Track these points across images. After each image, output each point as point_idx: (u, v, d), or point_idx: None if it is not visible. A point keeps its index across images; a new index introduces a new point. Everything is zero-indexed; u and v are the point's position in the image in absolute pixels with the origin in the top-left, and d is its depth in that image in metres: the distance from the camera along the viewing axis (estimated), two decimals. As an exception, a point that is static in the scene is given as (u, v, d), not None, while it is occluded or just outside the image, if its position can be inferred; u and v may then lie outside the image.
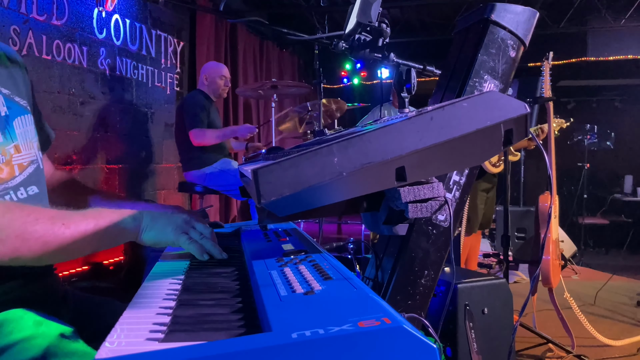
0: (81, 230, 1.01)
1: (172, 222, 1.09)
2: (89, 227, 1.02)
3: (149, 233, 1.07)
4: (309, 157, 0.68)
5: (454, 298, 2.26)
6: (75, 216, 1.04)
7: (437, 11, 7.42)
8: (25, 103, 1.25)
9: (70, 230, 1.00)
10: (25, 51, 3.48)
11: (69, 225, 1.01)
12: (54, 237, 0.99)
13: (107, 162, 4.39)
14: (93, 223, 1.03)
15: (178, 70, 5.40)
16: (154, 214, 1.09)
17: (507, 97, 0.75)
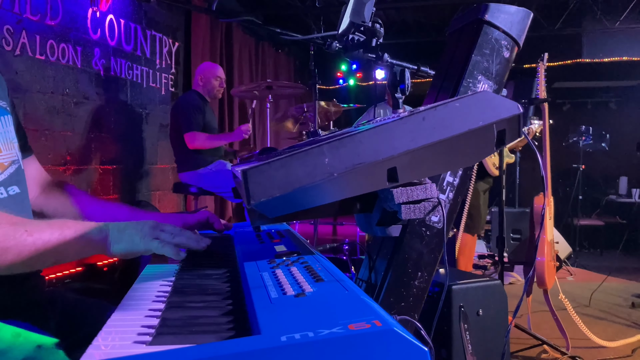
0: (44, 239, 0.97)
1: (139, 230, 1.02)
2: (53, 236, 0.98)
3: (118, 245, 1.00)
4: (299, 157, 0.67)
5: (448, 299, 2.25)
6: (40, 224, 1.00)
7: (433, 12, 7.43)
8: (5, 104, 1.25)
9: (33, 238, 0.97)
10: (19, 51, 3.46)
11: (32, 232, 0.97)
12: (14, 243, 0.95)
13: (102, 163, 4.37)
14: (58, 232, 0.99)
15: (173, 71, 5.38)
16: (120, 225, 1.03)
17: (500, 98, 0.74)
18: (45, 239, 0.97)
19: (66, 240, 0.98)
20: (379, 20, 1.26)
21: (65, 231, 0.99)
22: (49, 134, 3.76)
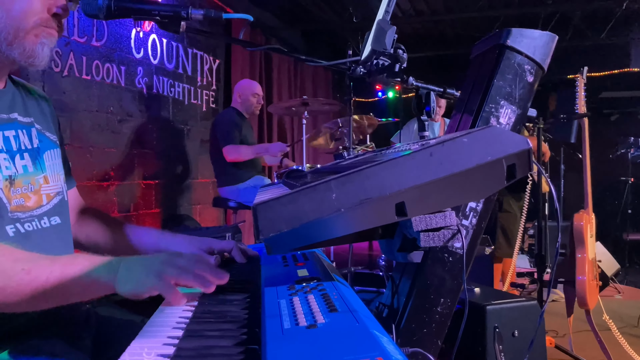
0: (42, 278, 0.93)
1: (147, 266, 0.95)
2: (52, 275, 0.93)
3: (125, 285, 0.93)
4: (307, 193, 0.69)
5: (482, 320, 2.22)
6: (42, 261, 0.96)
7: (471, 24, 7.35)
8: (55, 138, 1.31)
9: (30, 277, 0.93)
10: (67, 72, 3.61)
11: (31, 271, 0.93)
12: (8, 281, 0.92)
13: (144, 178, 4.50)
14: (59, 271, 0.94)
15: (214, 88, 5.50)
16: (130, 263, 0.96)
17: (508, 132, 0.74)
18: (43, 278, 0.93)
19: (67, 279, 0.93)
20: (402, 46, 1.27)
21: (67, 269, 0.94)
22: (94, 150, 3.90)
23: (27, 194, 1.17)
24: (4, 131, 1.14)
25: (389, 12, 1.20)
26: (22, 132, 1.20)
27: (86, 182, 3.81)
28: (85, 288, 0.95)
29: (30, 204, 1.16)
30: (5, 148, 1.13)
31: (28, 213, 1.15)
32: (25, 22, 1.10)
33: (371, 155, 1.08)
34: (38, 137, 1.25)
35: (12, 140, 1.16)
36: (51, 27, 1.14)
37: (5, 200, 1.10)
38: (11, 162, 1.14)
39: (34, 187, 1.19)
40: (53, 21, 1.14)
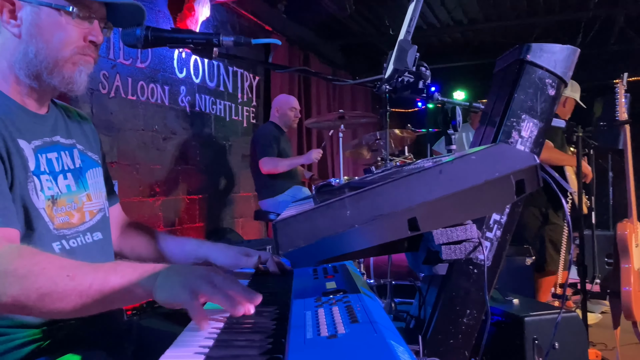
0: (86, 284, 0.96)
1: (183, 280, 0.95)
2: (95, 281, 0.96)
3: (161, 293, 0.95)
4: (322, 210, 0.73)
5: (520, 331, 2.20)
6: (85, 268, 1.00)
7: (511, 32, 7.27)
8: (97, 157, 1.40)
9: (74, 283, 0.96)
10: (113, 93, 3.79)
11: (75, 276, 0.96)
12: (54, 289, 0.95)
13: (188, 193, 4.64)
14: (102, 277, 0.97)
15: (254, 104, 5.64)
16: (170, 272, 0.98)
17: (516, 150, 0.77)
18: (87, 284, 0.96)
19: (109, 285, 0.96)
20: (424, 64, 1.31)
21: (109, 276, 0.97)
22: (140, 167, 4.06)
23: (71, 212, 1.25)
24: (47, 154, 1.22)
25: (410, 32, 1.24)
26: (64, 153, 1.28)
27: (133, 198, 3.97)
28: (126, 294, 0.97)
29: (74, 221, 1.25)
30: (49, 169, 1.21)
31: (73, 229, 1.24)
32: (64, 52, 1.19)
33: (393, 171, 1.12)
34: (80, 157, 1.33)
35: (54, 162, 1.24)
36: (87, 54, 1.22)
37: (47, 219, 1.18)
38: (54, 183, 1.22)
39: (77, 205, 1.27)
40: (89, 48, 1.22)
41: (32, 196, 1.15)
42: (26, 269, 0.97)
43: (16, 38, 1.18)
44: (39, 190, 1.17)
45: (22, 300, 0.95)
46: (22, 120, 1.19)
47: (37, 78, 1.20)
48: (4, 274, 0.96)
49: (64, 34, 1.18)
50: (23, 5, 1.16)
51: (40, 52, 1.17)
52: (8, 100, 1.19)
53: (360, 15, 6.41)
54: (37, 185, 1.17)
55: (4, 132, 1.12)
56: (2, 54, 1.20)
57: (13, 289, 0.95)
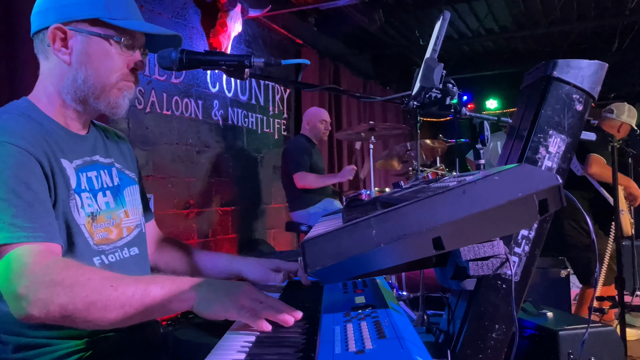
0: (129, 294, 1.01)
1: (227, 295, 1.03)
2: (137, 291, 1.02)
3: (203, 305, 1.02)
4: (349, 230, 0.76)
5: (555, 345, 2.17)
6: (128, 280, 1.05)
7: (545, 40, 7.18)
8: (134, 175, 1.46)
9: (118, 293, 1.01)
10: (149, 109, 3.90)
11: (118, 287, 1.02)
12: (99, 298, 1.00)
13: (221, 205, 4.72)
14: (143, 288, 1.02)
15: (285, 116, 5.71)
16: (211, 287, 1.05)
17: (538, 170, 0.78)
18: (130, 294, 1.01)
19: (150, 296, 1.01)
20: (451, 80, 1.33)
21: (150, 287, 1.02)
22: (175, 180, 4.16)
23: (110, 228, 1.31)
24: (87, 172, 1.29)
25: (436, 50, 1.26)
26: (103, 172, 1.35)
27: (168, 210, 4.06)
28: (166, 305, 1.02)
29: (112, 236, 1.31)
30: (89, 187, 1.28)
31: (111, 245, 1.30)
32: (110, 78, 1.27)
33: (420, 187, 1.14)
34: (118, 176, 1.40)
35: (94, 180, 1.31)
36: (130, 80, 1.31)
37: (87, 234, 1.23)
38: (93, 200, 1.28)
39: (115, 221, 1.33)
40: (132, 75, 1.31)
41: (73, 213, 1.21)
42: (73, 279, 1.02)
43: (65, 65, 1.25)
44: (80, 207, 1.23)
45: (69, 309, 1.00)
46: (65, 141, 1.26)
47: (83, 102, 1.27)
48: (52, 283, 1.01)
49: (111, 61, 1.26)
50: (74, 34, 1.24)
51: (89, 79, 1.25)
52: (52, 122, 1.26)
53: (391, 26, 6.44)
54: (78, 202, 1.23)
55: (49, 152, 1.19)
56: (50, 79, 1.27)
57: (61, 298, 1.00)
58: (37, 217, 1.09)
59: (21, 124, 1.17)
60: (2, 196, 1.07)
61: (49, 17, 1.25)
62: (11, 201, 1.07)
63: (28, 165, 1.12)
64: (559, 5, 5.79)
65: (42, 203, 1.12)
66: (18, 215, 1.06)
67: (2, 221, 1.05)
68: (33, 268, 1.03)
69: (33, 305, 1.01)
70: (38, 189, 1.12)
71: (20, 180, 1.09)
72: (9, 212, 1.06)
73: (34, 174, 1.13)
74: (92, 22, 1.24)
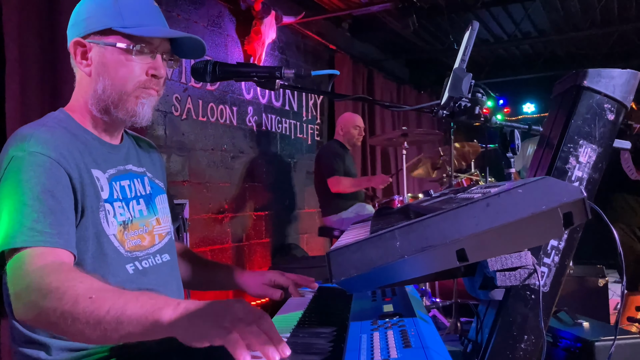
0: (104, 310, 0.92)
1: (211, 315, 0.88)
2: (113, 308, 0.91)
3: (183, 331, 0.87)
4: (373, 241, 0.78)
5: (590, 357, 2.13)
6: (109, 293, 0.96)
7: (583, 43, 7.03)
8: (163, 185, 1.51)
9: (94, 306, 0.93)
10: (185, 115, 3.98)
11: (96, 300, 0.94)
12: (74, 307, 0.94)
13: (255, 210, 4.78)
14: (120, 306, 0.92)
15: (318, 122, 5.75)
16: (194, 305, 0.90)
17: (562, 183, 0.78)
18: (105, 309, 0.92)
19: (126, 315, 0.91)
20: (480, 90, 1.33)
21: (129, 305, 0.92)
22: (210, 185, 4.24)
23: (143, 235, 1.35)
24: (120, 181, 1.33)
25: (464, 60, 1.26)
26: (136, 180, 1.39)
27: (203, 215, 4.14)
28: (142, 326, 0.90)
29: (145, 243, 1.35)
30: (122, 196, 1.32)
31: (144, 252, 1.34)
32: (127, 87, 1.28)
33: (447, 198, 1.15)
34: (150, 185, 1.44)
35: (127, 189, 1.35)
36: (150, 87, 1.31)
37: (117, 243, 1.27)
38: (126, 209, 1.32)
39: (148, 228, 1.37)
40: (151, 82, 1.31)
41: (103, 224, 1.24)
42: (56, 284, 0.98)
43: (88, 77, 1.30)
44: (112, 216, 1.27)
45: (47, 314, 0.97)
46: (99, 151, 1.31)
47: (106, 112, 1.31)
48: (37, 286, 1.00)
49: (126, 70, 1.27)
50: (92, 46, 1.28)
51: (107, 88, 1.28)
52: (87, 133, 1.31)
53: (425, 30, 6.41)
54: (110, 212, 1.27)
55: (81, 164, 1.23)
56: (80, 91, 1.33)
57: (41, 302, 0.98)
58: (56, 224, 1.12)
59: (56, 136, 1.22)
60: (26, 202, 1.11)
61: (72, 32, 1.30)
62: (34, 207, 1.11)
63: (56, 175, 1.16)
64: (599, 7, 5.67)
65: (63, 212, 1.15)
66: (39, 221, 1.10)
67: (23, 225, 1.09)
68: (27, 270, 1.04)
69: (24, 307, 1.02)
70: (62, 198, 1.16)
71: (46, 188, 1.14)
72: (31, 217, 1.10)
73: (60, 184, 1.17)
74: (106, 33, 1.27)
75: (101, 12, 1.27)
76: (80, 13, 1.30)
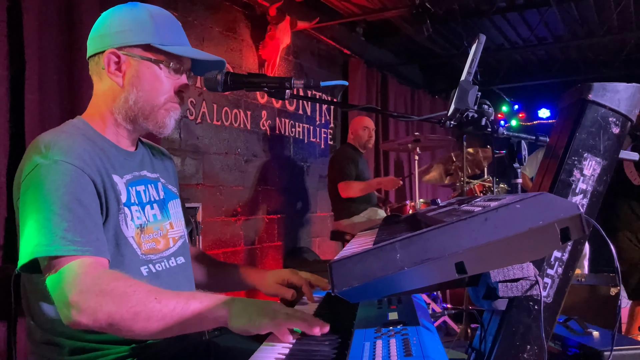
0: (170, 307, 1.09)
1: (261, 309, 1.11)
2: (178, 305, 1.10)
3: (239, 320, 1.09)
4: (374, 253, 0.80)
5: (601, 368, 2.13)
6: (169, 294, 1.13)
7: (599, 48, 6.97)
8: (176, 190, 1.55)
9: (160, 305, 1.09)
10: (200, 119, 4.03)
11: (161, 299, 1.10)
12: (143, 309, 1.09)
13: (268, 213, 4.82)
14: (183, 302, 1.10)
15: (331, 126, 5.77)
16: (245, 302, 1.13)
17: (559, 199, 0.79)
18: (171, 307, 1.09)
19: (190, 310, 1.09)
20: (487, 102, 1.35)
21: (190, 302, 1.10)
22: (223, 189, 4.28)
23: (157, 239, 1.40)
24: (136, 186, 1.38)
25: (471, 73, 1.28)
26: (150, 186, 1.44)
27: (216, 217, 4.19)
28: (202, 320, 1.11)
29: (159, 247, 1.39)
30: (137, 201, 1.37)
31: (158, 255, 1.38)
32: (158, 100, 1.36)
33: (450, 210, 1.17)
34: (163, 190, 1.49)
35: (142, 194, 1.40)
36: (176, 101, 1.40)
37: (135, 245, 1.32)
38: (142, 213, 1.37)
39: (162, 232, 1.42)
40: (177, 97, 1.39)
41: (122, 226, 1.30)
42: (121, 290, 1.11)
43: (118, 87, 1.35)
44: (130, 219, 1.32)
45: (115, 318, 1.09)
46: (116, 157, 1.36)
47: (133, 121, 1.37)
48: (101, 293, 1.10)
49: (160, 84, 1.35)
50: (127, 58, 1.34)
51: (139, 100, 1.35)
52: (105, 140, 1.36)
53: (439, 36, 6.41)
54: (128, 215, 1.32)
55: (102, 169, 1.28)
56: (103, 99, 1.38)
57: (109, 307, 1.09)
58: (86, 232, 1.18)
59: (77, 143, 1.27)
60: (56, 211, 1.16)
61: (105, 42, 1.35)
62: (64, 216, 1.16)
63: (82, 183, 1.22)
64: (616, 12, 5.62)
65: (92, 219, 1.21)
66: (70, 230, 1.15)
67: (55, 234, 1.14)
68: (84, 278, 1.12)
69: (83, 312, 1.09)
70: (89, 205, 1.21)
71: (74, 197, 1.19)
72: (62, 226, 1.15)
73: (87, 191, 1.22)
74: (144, 48, 1.34)
75: (139, 27, 1.34)
76: (112, 25, 1.35)
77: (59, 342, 1.27)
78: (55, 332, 1.27)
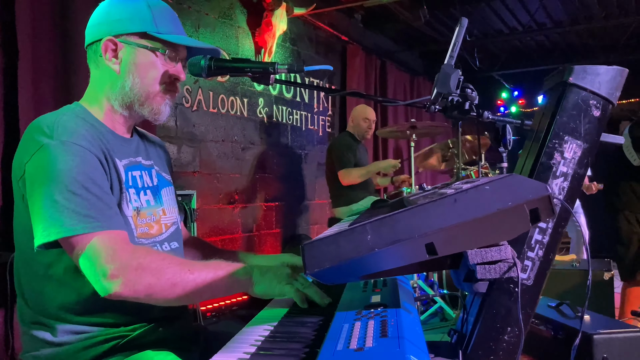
0: (202, 277, 1.20)
1: (278, 275, 1.23)
2: (209, 275, 1.20)
3: (259, 286, 1.21)
4: (345, 235, 0.81)
5: (589, 349, 2.14)
6: (198, 265, 1.23)
7: (601, 34, 6.93)
8: (169, 177, 1.57)
9: (194, 276, 1.19)
10: (196, 107, 4.04)
11: (193, 271, 1.20)
12: (180, 280, 1.19)
13: (266, 201, 4.83)
14: (212, 272, 1.21)
15: (329, 113, 5.76)
16: (262, 269, 1.23)
17: (529, 180, 0.80)
18: (203, 276, 1.19)
19: (219, 278, 1.20)
20: (470, 86, 1.35)
21: (218, 271, 1.21)
22: (220, 176, 4.29)
23: (151, 224, 1.42)
24: (132, 171, 1.40)
25: (453, 57, 1.28)
26: (145, 172, 1.46)
27: (213, 205, 4.20)
28: (229, 287, 1.22)
29: (153, 231, 1.41)
30: (133, 184, 1.39)
31: (151, 239, 1.40)
32: (154, 87, 1.38)
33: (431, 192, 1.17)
34: (157, 177, 1.50)
35: (137, 179, 1.42)
36: (172, 90, 1.42)
37: (133, 226, 1.35)
38: (137, 197, 1.39)
39: (155, 217, 1.44)
40: (173, 85, 1.42)
41: (123, 206, 1.33)
42: (157, 264, 1.19)
43: (115, 73, 1.37)
44: (128, 201, 1.35)
45: (156, 289, 1.18)
46: (113, 143, 1.38)
47: (129, 108, 1.39)
48: (140, 266, 1.17)
49: (156, 71, 1.37)
50: (124, 46, 1.36)
51: (135, 86, 1.37)
52: (102, 125, 1.39)
53: (438, 22, 6.38)
54: (127, 197, 1.34)
55: (105, 150, 1.31)
56: (100, 86, 1.40)
57: (148, 279, 1.17)
58: (106, 208, 1.23)
59: (79, 125, 1.30)
60: (75, 191, 1.19)
61: (102, 30, 1.37)
62: (83, 195, 1.20)
63: (92, 163, 1.25)
64: (616, -3, 5.59)
65: (107, 196, 1.25)
66: (91, 208, 1.20)
67: (78, 214, 1.18)
68: (121, 254, 1.19)
69: (123, 285, 1.16)
70: (102, 183, 1.25)
71: (87, 176, 1.22)
72: (84, 205, 1.19)
73: (97, 170, 1.26)
74: (140, 35, 1.36)
75: (137, 15, 1.36)
76: (110, 13, 1.37)
77: (49, 324, 1.29)
78: (45, 313, 1.30)
